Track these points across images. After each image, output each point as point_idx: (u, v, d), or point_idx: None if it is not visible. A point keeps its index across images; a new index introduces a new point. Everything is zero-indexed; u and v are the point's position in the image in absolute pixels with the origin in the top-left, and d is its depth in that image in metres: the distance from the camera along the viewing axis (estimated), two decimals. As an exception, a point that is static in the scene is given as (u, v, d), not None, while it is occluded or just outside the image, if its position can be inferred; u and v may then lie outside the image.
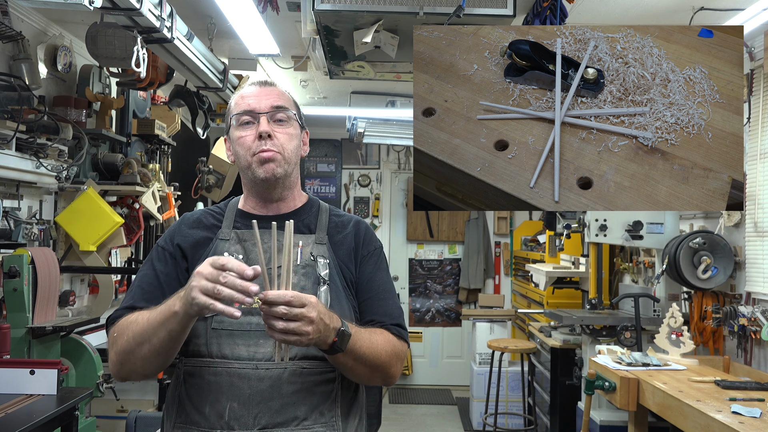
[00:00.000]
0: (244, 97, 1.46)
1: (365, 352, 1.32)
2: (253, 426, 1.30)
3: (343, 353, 1.28)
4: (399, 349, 1.42)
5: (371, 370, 1.36)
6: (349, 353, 1.29)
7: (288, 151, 1.45)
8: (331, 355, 1.29)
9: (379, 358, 1.35)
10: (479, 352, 5.44)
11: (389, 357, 1.38)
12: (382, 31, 2.73)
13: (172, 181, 4.41)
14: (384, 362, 1.37)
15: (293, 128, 1.47)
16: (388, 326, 1.43)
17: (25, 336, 2.70)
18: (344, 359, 1.30)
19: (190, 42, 2.96)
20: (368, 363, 1.34)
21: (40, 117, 2.95)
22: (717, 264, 3.24)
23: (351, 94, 5.13)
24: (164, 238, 1.50)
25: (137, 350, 1.29)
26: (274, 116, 1.44)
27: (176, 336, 1.27)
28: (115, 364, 1.35)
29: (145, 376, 1.36)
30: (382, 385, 1.45)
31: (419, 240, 6.86)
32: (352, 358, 1.30)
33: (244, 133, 1.43)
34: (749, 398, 2.39)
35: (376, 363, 1.35)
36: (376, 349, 1.35)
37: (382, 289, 1.48)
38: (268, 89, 1.47)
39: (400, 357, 1.42)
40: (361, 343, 1.31)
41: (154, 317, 1.27)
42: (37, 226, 3.23)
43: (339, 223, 1.52)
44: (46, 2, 2.20)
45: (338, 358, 1.30)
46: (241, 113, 1.44)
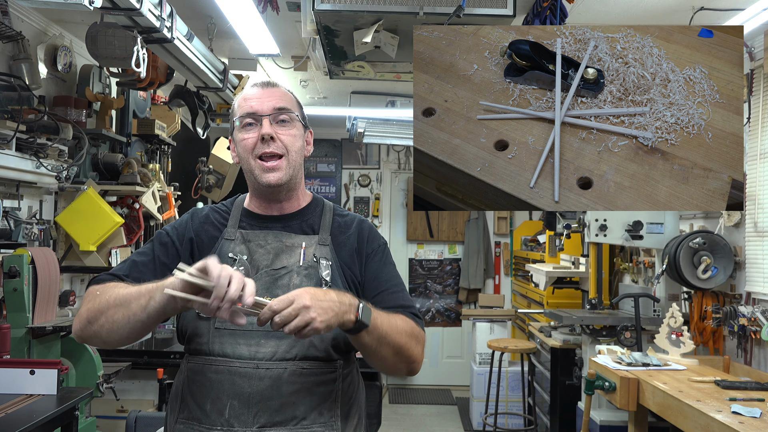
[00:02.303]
0: (246, 99, 1.46)
1: (387, 331, 1.32)
2: (252, 424, 1.31)
3: (368, 332, 1.27)
4: (417, 331, 1.41)
5: (395, 353, 1.35)
6: (374, 332, 1.28)
7: (292, 153, 1.45)
8: (355, 336, 1.28)
9: (401, 338, 1.35)
10: (479, 352, 5.44)
11: (409, 337, 1.37)
12: (382, 31, 2.73)
13: (172, 181, 4.41)
14: (405, 343, 1.36)
15: (296, 129, 1.47)
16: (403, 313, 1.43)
17: (25, 336, 2.70)
18: (369, 339, 1.29)
19: (190, 42, 2.96)
20: (391, 344, 1.33)
21: (40, 117, 2.95)
22: (717, 264, 3.24)
23: (351, 94, 5.13)
24: (172, 228, 1.50)
25: (111, 312, 1.27)
26: (277, 118, 1.44)
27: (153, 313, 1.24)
28: (82, 321, 1.32)
29: (103, 343, 1.33)
30: (407, 373, 1.41)
31: (419, 240, 6.86)
32: (376, 338, 1.30)
33: (247, 135, 1.44)
34: (749, 398, 2.39)
35: (399, 343, 1.34)
36: (397, 328, 1.35)
37: (391, 283, 1.48)
38: (270, 90, 1.47)
39: (420, 339, 1.41)
40: (382, 321, 1.31)
41: (141, 288, 1.26)
42: (37, 226, 3.23)
43: (342, 224, 1.52)
44: (46, 2, 2.20)
45: (363, 339, 1.29)
46: (243, 115, 1.44)
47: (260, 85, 1.48)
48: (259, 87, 1.48)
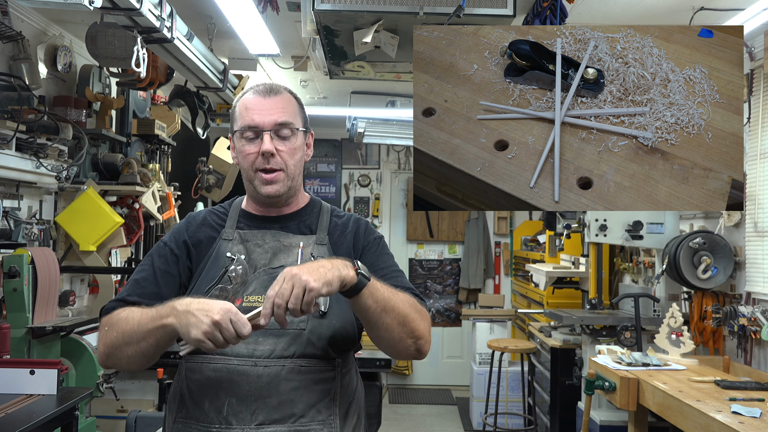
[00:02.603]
0: (248, 108, 1.45)
1: (390, 297, 1.30)
2: (250, 422, 1.31)
3: (370, 292, 1.26)
4: (420, 306, 1.39)
5: (400, 324, 1.32)
6: (376, 293, 1.27)
7: (290, 167, 1.46)
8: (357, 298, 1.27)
9: (405, 308, 1.32)
10: (479, 352, 5.44)
11: (414, 310, 1.35)
12: (382, 31, 2.73)
13: (172, 181, 4.41)
14: (409, 314, 1.33)
15: (297, 140, 1.47)
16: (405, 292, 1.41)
17: (25, 336, 2.70)
18: (372, 302, 1.28)
19: (190, 42, 2.96)
20: (396, 311, 1.31)
21: (40, 117, 2.95)
22: (717, 264, 3.24)
23: (351, 94, 5.13)
24: (169, 236, 1.51)
25: (124, 349, 1.33)
26: (278, 132, 1.44)
27: (163, 344, 1.31)
28: (102, 355, 1.39)
29: (129, 370, 1.44)
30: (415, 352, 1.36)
31: (419, 240, 6.86)
32: (380, 301, 1.28)
33: (248, 149, 1.44)
34: (749, 398, 2.39)
35: (403, 312, 1.32)
36: (400, 298, 1.33)
37: (390, 269, 1.48)
38: (272, 101, 1.45)
39: (424, 316, 1.38)
40: (382, 287, 1.30)
41: (145, 322, 1.29)
42: (37, 226, 3.23)
43: (340, 224, 1.53)
44: (46, 2, 2.20)
45: (366, 301, 1.27)
46: (244, 128, 1.44)
47: (262, 92, 1.46)
48: (261, 96, 1.46)
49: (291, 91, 1.52)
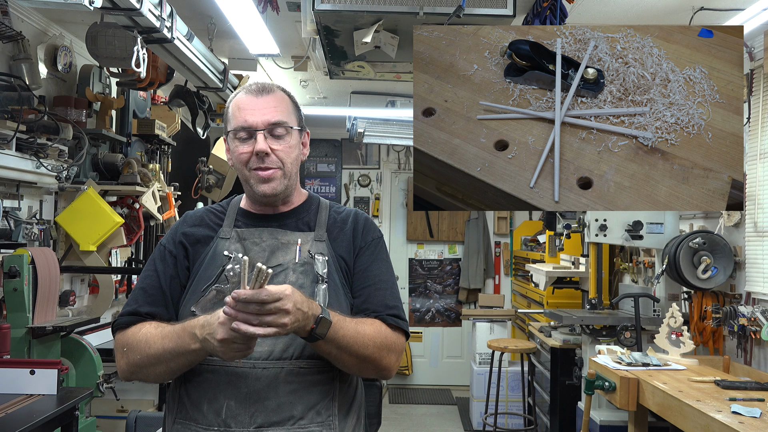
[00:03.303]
0: (241, 108, 1.43)
1: (349, 342, 1.31)
2: (249, 424, 1.31)
3: (324, 341, 1.27)
4: (392, 340, 1.39)
5: (359, 361, 1.34)
6: (331, 342, 1.28)
7: (287, 165, 1.45)
8: (312, 343, 1.29)
9: (366, 349, 1.33)
10: (479, 352, 5.44)
11: (378, 348, 1.35)
12: (382, 31, 2.73)
13: (172, 181, 4.41)
14: (372, 353, 1.34)
15: (292, 139, 1.45)
16: (383, 316, 1.41)
17: (25, 336, 2.70)
18: (327, 347, 1.29)
19: (190, 42, 2.96)
20: (354, 353, 1.32)
21: (40, 117, 2.95)
22: (717, 264, 3.24)
23: (351, 94, 5.13)
24: (167, 237, 1.51)
25: (152, 368, 1.35)
26: (272, 131, 1.43)
27: (195, 361, 1.33)
28: (125, 372, 1.40)
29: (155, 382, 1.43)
30: (378, 378, 1.43)
31: (419, 240, 6.86)
32: (335, 346, 1.29)
33: (242, 149, 1.42)
34: (749, 398, 2.39)
35: (364, 354, 1.33)
36: (363, 340, 1.33)
37: (379, 279, 1.46)
38: (264, 100, 1.43)
39: (393, 348, 1.39)
40: (345, 332, 1.30)
41: (171, 347, 1.31)
42: (37, 226, 3.23)
43: (339, 220, 1.52)
44: (46, 2, 2.20)
45: (320, 346, 1.29)
46: (237, 128, 1.42)
47: (254, 92, 1.44)
48: (253, 95, 1.44)
49: (284, 90, 1.50)
